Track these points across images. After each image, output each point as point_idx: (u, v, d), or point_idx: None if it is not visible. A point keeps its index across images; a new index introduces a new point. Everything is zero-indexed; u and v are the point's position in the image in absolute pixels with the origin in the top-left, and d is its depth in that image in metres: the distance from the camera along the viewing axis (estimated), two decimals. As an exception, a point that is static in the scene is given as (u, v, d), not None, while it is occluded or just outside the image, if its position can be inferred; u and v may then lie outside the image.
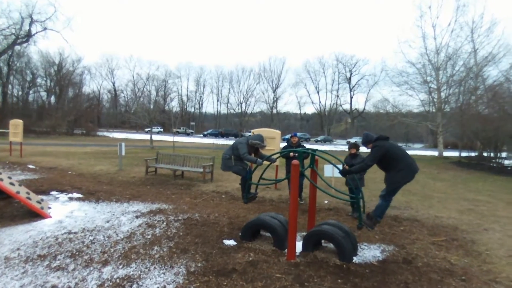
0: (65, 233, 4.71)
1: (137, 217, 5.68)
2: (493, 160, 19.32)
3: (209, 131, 56.29)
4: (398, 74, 28.72)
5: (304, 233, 5.16)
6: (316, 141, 52.94)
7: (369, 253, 4.46)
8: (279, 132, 8.29)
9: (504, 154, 19.99)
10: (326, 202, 7.39)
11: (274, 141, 8.20)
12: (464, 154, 23.87)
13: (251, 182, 5.05)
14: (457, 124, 22.90)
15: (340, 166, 4.64)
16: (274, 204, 7.14)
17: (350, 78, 68.85)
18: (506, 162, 19.71)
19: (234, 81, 71.02)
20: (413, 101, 29.54)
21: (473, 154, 22.42)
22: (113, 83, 70.78)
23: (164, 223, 5.35)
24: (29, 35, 39.88)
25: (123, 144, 10.66)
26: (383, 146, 4.00)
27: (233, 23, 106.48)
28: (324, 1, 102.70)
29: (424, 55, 27.44)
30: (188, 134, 56.51)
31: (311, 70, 69.37)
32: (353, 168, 4.27)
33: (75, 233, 4.73)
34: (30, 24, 39.38)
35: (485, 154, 20.53)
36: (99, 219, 5.48)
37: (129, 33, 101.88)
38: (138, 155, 16.04)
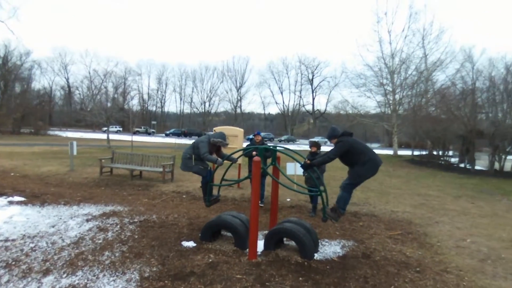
0: (0, 240, 4.20)
1: (87, 220, 5.25)
2: (442, 158, 20.86)
3: (172, 130, 54.77)
4: (357, 76, 30.02)
5: (266, 232, 5.09)
6: (280, 141, 53.65)
7: (329, 249, 4.48)
8: (241, 130, 8.18)
9: (451, 153, 21.68)
10: (288, 200, 7.39)
11: (236, 139, 8.07)
12: (416, 152, 25.54)
13: (212, 184, 4.84)
14: (410, 125, 24.35)
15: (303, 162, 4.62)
16: (236, 203, 7.01)
17: (312, 79, 70.72)
18: (453, 160, 21.38)
19: (197, 80, 69.78)
20: (370, 103, 31.05)
21: (424, 152, 24.09)
22: (67, 79, 66.38)
23: (118, 226, 4.99)
24: (-33, 23, 36.06)
25: (74, 143, 9.91)
26: (347, 141, 4.02)
27: (197, 20, 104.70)
28: (287, 2, 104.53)
29: (380, 58, 28.93)
30: (149, 134, 54.58)
31: (274, 71, 70.24)
32: (315, 161, 4.25)
33: (13, 240, 4.24)
34: (-31, 12, 35.68)
35: (434, 152, 22.11)
36: (43, 224, 4.98)
37: (84, 27, 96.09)
38: (93, 155, 15.06)
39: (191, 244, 4.38)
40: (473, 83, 20.60)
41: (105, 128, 28.73)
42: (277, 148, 4.61)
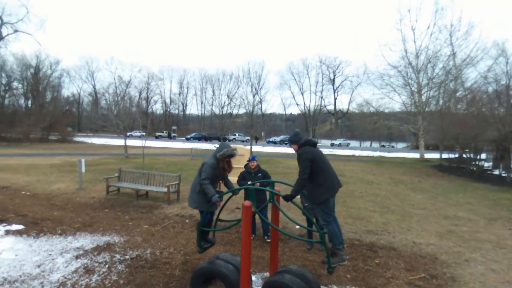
0: (-23, 288, 3.93)
1: (77, 257, 4.93)
2: (473, 163, 19.21)
3: (193, 134, 55.31)
4: (379, 78, 28.68)
5: (267, 273, 4.57)
6: (300, 143, 52.63)
7: (337, 302, 3.87)
8: (248, 148, 7.66)
9: (483, 156, 19.93)
10: (297, 227, 6.79)
11: (242, 158, 7.57)
12: (445, 155, 23.84)
13: (204, 228, 4.24)
14: (437, 128, 22.87)
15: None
16: (241, 231, 6.48)
17: (333, 79, 69.18)
18: (486, 164, 19.70)
19: (217, 84, 70.26)
20: (395, 104, 29.50)
21: (453, 156, 22.37)
22: (94, 86, 69.03)
23: (106, 266, 4.63)
24: (-1, 37, 37.99)
25: (82, 160, 9.79)
26: (309, 153, 3.53)
27: (216, 24, 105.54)
28: (308, 2, 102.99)
29: (404, 58, 27.47)
30: (171, 138, 55.41)
31: (295, 72, 69.37)
32: (293, 190, 3.69)
33: (-9, 287, 3.96)
34: (1, 26, 37.55)
35: (465, 156, 20.47)
36: (30, 262, 4.71)
37: (109, 35, 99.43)
38: (109, 167, 15.09)
39: (179, 293, 3.93)
40: (508, 80, 19.02)
41: (130, 133, 29.30)
42: (269, 186, 4.04)
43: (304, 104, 71.48)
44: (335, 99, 70.87)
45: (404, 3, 42.91)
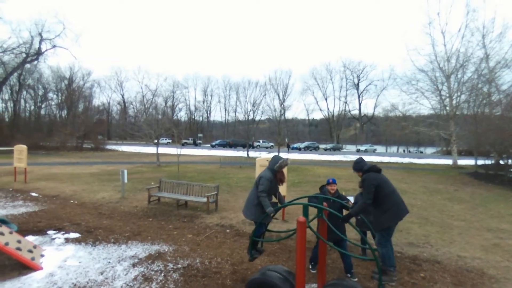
0: (53, 293, 4.35)
1: (134, 265, 5.30)
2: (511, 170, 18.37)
3: (218, 141, 56.24)
4: (407, 83, 28.10)
5: (314, 285, 4.72)
6: (325, 150, 52.13)
7: (387, 315, 3.96)
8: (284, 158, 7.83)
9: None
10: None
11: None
12: (480, 161, 22.88)
13: (255, 238, 4.51)
14: (471, 135, 22.05)
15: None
16: (283, 242, 6.65)
17: (358, 84, 68.33)
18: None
19: (241, 91, 71.32)
20: (424, 108, 28.72)
21: (489, 162, 21.45)
22: (122, 95, 71.99)
23: (162, 274, 4.95)
24: (39, 53, 40.65)
25: (125, 171, 10.37)
26: (374, 179, 3.74)
27: (240, 33, 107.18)
28: (331, 6, 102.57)
29: (434, 62, 26.80)
30: (196, 145, 56.60)
31: (318, 77, 69.25)
32: (352, 211, 3.89)
33: (65, 292, 4.37)
34: (40, 42, 40.18)
35: (502, 162, 19.57)
36: (93, 269, 5.12)
37: (137, 46, 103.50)
38: (144, 176, 15.77)
39: (234, 303, 4.16)
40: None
41: (156, 141, 30.29)
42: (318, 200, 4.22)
43: (328, 109, 70.96)
44: (360, 104, 69.98)
45: (433, 6, 41.98)
